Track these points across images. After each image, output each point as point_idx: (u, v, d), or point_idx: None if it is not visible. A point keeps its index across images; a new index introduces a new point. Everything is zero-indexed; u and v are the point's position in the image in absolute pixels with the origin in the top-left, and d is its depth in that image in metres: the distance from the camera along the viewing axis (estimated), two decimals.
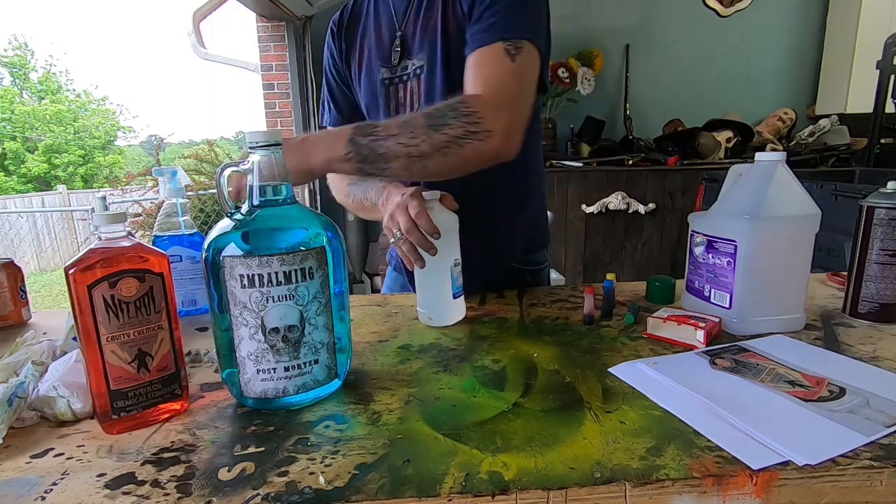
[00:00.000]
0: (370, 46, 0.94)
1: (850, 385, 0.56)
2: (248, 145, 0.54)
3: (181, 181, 0.84)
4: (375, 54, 0.93)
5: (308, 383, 0.55)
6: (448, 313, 0.79)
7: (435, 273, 0.77)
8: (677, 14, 3.61)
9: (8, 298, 0.84)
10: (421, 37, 0.88)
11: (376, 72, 0.93)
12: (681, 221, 3.19)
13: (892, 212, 0.71)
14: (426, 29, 0.88)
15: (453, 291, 0.78)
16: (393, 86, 0.92)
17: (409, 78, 0.90)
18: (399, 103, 0.92)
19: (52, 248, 7.30)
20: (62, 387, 0.53)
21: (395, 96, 0.92)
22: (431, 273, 0.77)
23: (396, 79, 0.92)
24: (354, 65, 0.97)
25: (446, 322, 0.79)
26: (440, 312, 0.78)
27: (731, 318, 0.72)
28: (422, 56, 0.88)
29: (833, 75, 3.60)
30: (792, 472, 0.43)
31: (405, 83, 0.91)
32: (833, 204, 1.90)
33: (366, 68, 0.95)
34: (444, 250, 0.75)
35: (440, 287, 0.77)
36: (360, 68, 0.96)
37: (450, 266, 0.77)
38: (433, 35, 0.86)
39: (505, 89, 0.75)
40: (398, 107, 0.93)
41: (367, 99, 0.96)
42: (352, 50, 0.98)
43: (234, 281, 0.51)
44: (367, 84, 0.95)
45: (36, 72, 16.72)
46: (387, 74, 0.92)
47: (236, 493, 0.41)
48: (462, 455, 0.46)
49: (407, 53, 0.90)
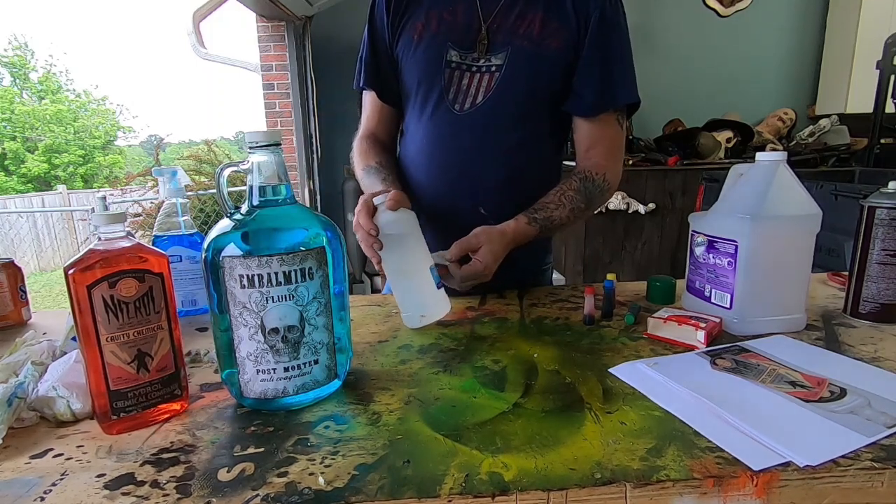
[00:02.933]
0: (440, 22, 0.91)
1: (851, 386, 0.55)
2: (248, 145, 0.54)
3: (181, 181, 0.84)
4: (445, 32, 0.90)
5: (308, 384, 0.55)
6: (438, 304, 0.77)
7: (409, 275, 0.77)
8: (677, 14, 3.61)
9: (8, 298, 0.84)
10: (507, 38, 0.88)
11: (442, 50, 0.90)
12: (681, 221, 3.18)
13: (893, 212, 0.71)
14: (516, 33, 0.88)
15: (436, 282, 0.77)
16: (460, 71, 0.90)
17: (482, 71, 0.90)
18: (460, 90, 0.91)
19: (52, 248, 7.30)
20: (61, 387, 0.53)
21: (459, 82, 0.91)
22: (406, 275, 0.77)
23: (465, 66, 0.90)
24: (413, 34, 0.93)
25: (441, 312, 0.77)
26: (430, 306, 0.76)
27: (732, 318, 0.72)
28: (502, 56, 0.88)
29: (833, 75, 3.60)
30: (793, 472, 0.43)
31: (474, 74, 0.90)
32: (833, 204, 1.89)
33: (428, 42, 0.91)
34: (404, 251, 0.76)
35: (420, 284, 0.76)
36: (419, 39, 0.92)
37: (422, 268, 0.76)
38: (526, 44, 0.88)
39: (620, 154, 0.97)
40: (458, 93, 0.91)
41: (422, 74, 0.92)
42: (410, 18, 0.94)
43: (234, 281, 0.51)
44: (426, 59, 0.92)
45: (36, 72, 16.73)
46: (457, 58, 0.90)
47: (236, 494, 0.41)
48: (462, 456, 0.46)
49: (490, 48, 0.89)
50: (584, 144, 0.94)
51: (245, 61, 3.75)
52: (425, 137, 0.94)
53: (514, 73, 0.88)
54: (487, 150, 0.91)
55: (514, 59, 0.88)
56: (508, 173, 0.92)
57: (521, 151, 0.92)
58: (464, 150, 0.92)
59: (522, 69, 0.88)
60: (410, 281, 0.77)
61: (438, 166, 0.94)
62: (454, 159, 0.92)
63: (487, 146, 0.91)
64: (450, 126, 0.92)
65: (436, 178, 0.95)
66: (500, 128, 0.91)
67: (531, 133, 0.93)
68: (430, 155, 0.94)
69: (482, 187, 0.92)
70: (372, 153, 0.99)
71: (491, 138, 0.91)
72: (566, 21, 0.88)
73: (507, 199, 0.91)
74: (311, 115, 3.62)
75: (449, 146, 0.92)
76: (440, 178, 0.94)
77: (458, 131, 0.91)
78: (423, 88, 0.93)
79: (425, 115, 0.94)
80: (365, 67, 0.99)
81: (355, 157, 1.02)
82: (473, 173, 0.92)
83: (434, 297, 0.76)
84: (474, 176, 0.92)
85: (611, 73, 0.90)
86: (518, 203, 0.89)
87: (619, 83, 0.91)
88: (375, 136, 1.03)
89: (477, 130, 0.91)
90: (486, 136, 0.91)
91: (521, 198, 0.90)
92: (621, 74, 0.91)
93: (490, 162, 0.91)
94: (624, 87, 0.91)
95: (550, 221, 0.88)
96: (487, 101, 0.90)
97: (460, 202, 0.93)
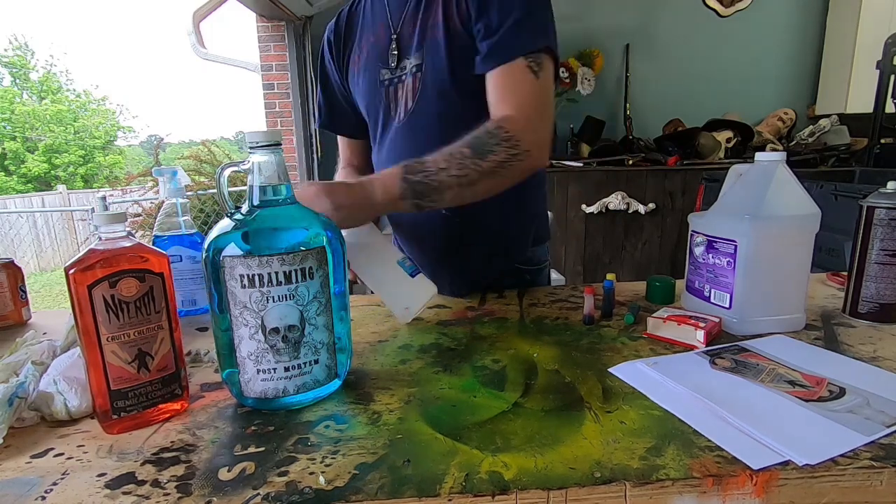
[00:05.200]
0: (368, 48, 0.95)
1: (850, 385, 0.56)
2: (248, 145, 0.54)
3: (181, 181, 0.84)
4: (374, 56, 0.94)
5: (308, 383, 0.55)
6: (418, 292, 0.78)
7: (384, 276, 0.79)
8: (677, 14, 3.61)
9: (8, 298, 0.84)
10: (419, 36, 0.89)
11: (375, 73, 0.94)
12: (681, 221, 3.19)
13: (893, 212, 0.71)
14: (425, 28, 0.88)
15: (409, 272, 0.78)
16: (392, 86, 0.93)
17: (407, 76, 0.91)
18: (397, 102, 0.93)
19: (52, 248, 7.30)
20: (62, 381, 0.53)
21: (395, 95, 0.93)
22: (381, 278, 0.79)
23: (395, 79, 0.93)
24: (354, 67, 0.98)
25: (424, 298, 0.78)
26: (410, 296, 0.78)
27: (731, 318, 0.72)
28: (419, 55, 0.89)
29: (833, 75, 3.60)
30: (792, 471, 0.43)
31: (402, 82, 0.92)
32: (833, 204, 1.90)
33: (364, 70, 0.96)
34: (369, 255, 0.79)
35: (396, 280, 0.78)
36: (357, 70, 0.97)
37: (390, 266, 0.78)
38: (434, 33, 0.87)
39: (534, 107, 0.81)
40: (397, 107, 0.93)
41: (367, 100, 0.97)
42: (349, 54, 0.99)
43: (234, 281, 0.51)
44: (366, 85, 0.96)
45: (36, 72, 16.72)
46: (387, 75, 0.93)
47: (236, 493, 0.41)
48: (462, 455, 0.46)
49: (404, 53, 0.91)
50: (492, 102, 0.83)
51: (245, 61, 3.75)
52: (383, 157, 0.97)
53: (434, 64, 0.88)
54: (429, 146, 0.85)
55: (429, 51, 0.88)
56: None
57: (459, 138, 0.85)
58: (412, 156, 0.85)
59: (438, 58, 0.87)
60: (385, 280, 0.79)
61: None
62: None
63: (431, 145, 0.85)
64: (395, 138, 0.94)
65: None
66: (439, 123, 0.90)
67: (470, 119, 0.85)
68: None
69: None
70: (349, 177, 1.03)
71: (432, 136, 0.87)
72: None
73: None
74: (311, 116, 3.63)
75: (400, 156, 0.90)
76: None
77: (402, 139, 0.93)
78: (372, 112, 0.97)
79: (377, 136, 0.98)
80: (320, 111, 1.06)
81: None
82: None
83: (412, 286, 0.78)
84: None
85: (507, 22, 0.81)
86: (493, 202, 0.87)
87: (520, 28, 0.81)
88: (354, 166, 1.10)
89: (417, 131, 0.92)
90: (429, 136, 0.89)
91: None
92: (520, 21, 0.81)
93: None
94: (525, 33, 0.81)
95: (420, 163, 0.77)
96: (418, 101, 0.90)
97: None
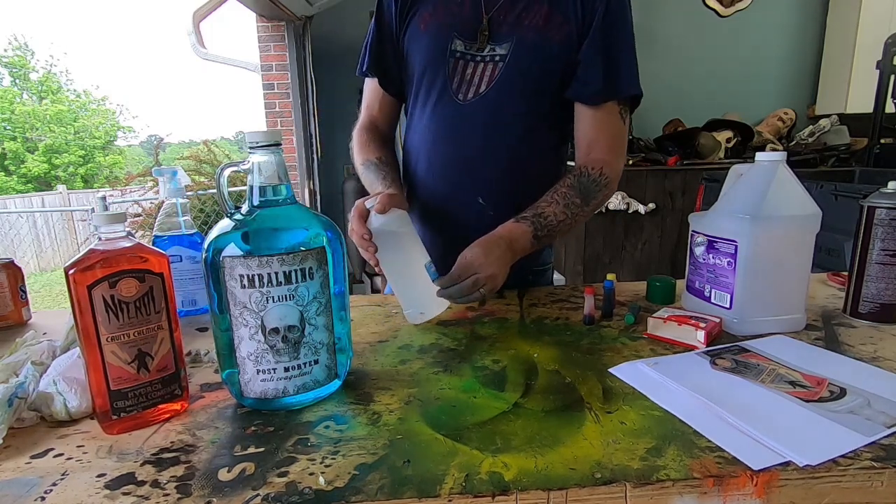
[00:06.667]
0: (447, 13, 0.92)
1: (850, 385, 0.56)
2: (248, 145, 0.54)
3: (181, 181, 0.84)
4: (451, 23, 0.91)
5: (308, 383, 0.55)
6: (436, 300, 0.77)
7: (406, 273, 0.78)
8: (677, 14, 3.61)
9: (8, 298, 0.84)
10: (512, 28, 0.88)
11: (447, 40, 0.91)
12: (681, 221, 3.18)
13: (893, 212, 0.71)
14: (520, 24, 0.88)
15: (432, 278, 0.77)
16: (464, 60, 0.91)
17: (486, 61, 0.90)
18: (464, 79, 0.91)
19: (52, 248, 7.30)
20: (62, 381, 0.53)
21: (463, 71, 0.91)
22: (403, 274, 0.79)
23: (469, 56, 0.91)
24: (420, 22, 0.93)
25: (438, 309, 0.78)
26: (428, 303, 0.78)
27: (732, 318, 0.72)
28: (507, 46, 0.89)
29: (833, 75, 3.60)
30: (792, 472, 0.43)
31: (478, 63, 0.90)
32: (833, 204, 1.90)
33: (434, 31, 0.92)
34: (399, 250, 0.78)
35: (417, 282, 0.77)
36: (425, 28, 0.93)
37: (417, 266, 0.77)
38: (530, 35, 0.88)
39: (621, 151, 0.94)
40: (461, 83, 0.91)
41: (426, 61, 0.93)
42: (417, 7, 0.94)
43: (234, 281, 0.51)
44: (430, 46, 0.92)
45: (36, 72, 16.70)
46: (461, 48, 0.91)
47: (236, 494, 0.41)
48: (462, 455, 0.46)
49: (492, 38, 0.90)
50: (587, 138, 0.92)
51: (245, 61, 3.75)
52: (428, 127, 0.95)
53: (519, 62, 0.88)
54: (490, 139, 0.91)
55: (518, 48, 0.88)
56: (509, 164, 0.92)
57: (523, 142, 0.93)
58: (466, 140, 0.92)
59: (526, 59, 0.88)
60: (408, 279, 0.78)
61: (440, 155, 0.94)
62: (456, 149, 0.93)
63: (490, 136, 0.91)
64: (453, 116, 0.92)
65: (437, 167, 0.95)
66: (503, 117, 0.91)
67: (534, 124, 0.93)
68: (432, 144, 0.95)
69: (482, 177, 0.93)
70: (372, 147, 0.99)
71: (493, 128, 0.91)
72: (572, 15, 0.88)
73: (506, 189, 0.92)
74: (311, 115, 3.63)
75: (451, 136, 0.93)
76: (441, 167, 0.95)
77: (460, 121, 0.92)
78: (428, 77, 0.93)
79: (429, 104, 0.94)
80: (369, 54, 0.99)
81: (355, 147, 1.02)
82: (475, 163, 0.92)
83: (432, 293, 0.77)
84: (475, 165, 0.92)
85: (617, 63, 0.89)
86: (516, 195, 0.89)
87: (624, 73, 0.89)
88: (376, 125, 1.04)
89: (479, 120, 0.91)
90: (489, 126, 0.91)
91: (520, 189, 0.91)
92: (627, 65, 0.90)
93: (491, 152, 0.92)
94: (629, 78, 0.90)
95: (543, 218, 0.84)
96: (491, 90, 0.90)
97: (460, 192, 0.94)
